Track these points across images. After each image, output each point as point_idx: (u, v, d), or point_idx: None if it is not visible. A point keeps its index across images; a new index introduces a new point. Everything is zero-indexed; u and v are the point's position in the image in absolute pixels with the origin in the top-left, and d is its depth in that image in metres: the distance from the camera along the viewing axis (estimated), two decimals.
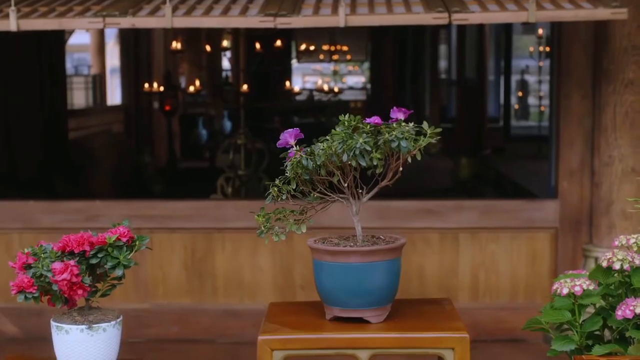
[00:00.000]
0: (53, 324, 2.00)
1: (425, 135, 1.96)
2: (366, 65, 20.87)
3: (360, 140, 1.86)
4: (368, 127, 1.92)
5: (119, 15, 4.07)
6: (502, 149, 11.66)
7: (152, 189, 10.20)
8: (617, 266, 2.13)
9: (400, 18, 4.07)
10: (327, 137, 1.96)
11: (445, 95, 16.42)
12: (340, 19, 3.98)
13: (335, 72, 22.50)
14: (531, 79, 17.06)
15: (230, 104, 9.82)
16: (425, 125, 1.99)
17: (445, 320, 1.94)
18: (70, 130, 9.28)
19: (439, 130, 2.04)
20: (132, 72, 11.17)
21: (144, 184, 10.28)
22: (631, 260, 2.14)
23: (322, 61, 17.97)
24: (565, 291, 2.12)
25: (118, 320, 2.08)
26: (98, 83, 12.94)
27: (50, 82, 8.26)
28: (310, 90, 14.95)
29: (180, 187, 10.15)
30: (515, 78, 15.65)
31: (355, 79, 23.28)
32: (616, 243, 2.34)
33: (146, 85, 10.94)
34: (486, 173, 10.51)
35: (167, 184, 10.40)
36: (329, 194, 2.07)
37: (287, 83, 10.04)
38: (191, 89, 8.42)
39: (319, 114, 11.82)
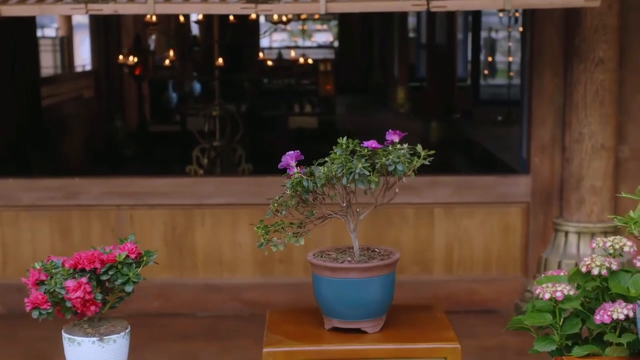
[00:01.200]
0: (65, 335, 2.09)
1: (419, 156, 2.06)
2: (334, 22, 20.85)
3: (360, 165, 1.96)
4: (365, 150, 2.02)
5: (101, 2, 4.09)
6: (471, 112, 11.80)
7: (124, 154, 10.22)
8: (595, 272, 2.26)
9: (379, 5, 4.14)
10: (327, 159, 2.05)
11: (414, 54, 16.50)
12: (321, 6, 4.04)
13: (303, 31, 22.46)
14: (499, 36, 17.17)
15: (200, 69, 9.82)
16: (419, 148, 2.10)
17: (438, 329, 2.06)
18: (43, 98, 9.24)
19: (432, 152, 2.14)
20: (102, 36, 11.10)
21: (115, 148, 10.30)
22: (608, 265, 2.27)
23: (290, 20, 17.89)
24: (547, 296, 2.25)
25: (127, 330, 2.17)
26: (66, 45, 12.83)
27: (21, 49, 8.21)
28: (279, 51, 14.95)
29: (152, 151, 10.18)
30: (484, 35, 15.73)
31: (323, 37, 23.26)
32: (594, 245, 2.46)
33: (116, 49, 10.90)
34: (456, 137, 10.65)
35: (138, 148, 10.42)
36: (329, 212, 2.17)
37: (260, 54, 10.06)
38: (163, 57, 8.40)
39: (287, 77, 11.85)
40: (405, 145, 2.10)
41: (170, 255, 5.55)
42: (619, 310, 2.15)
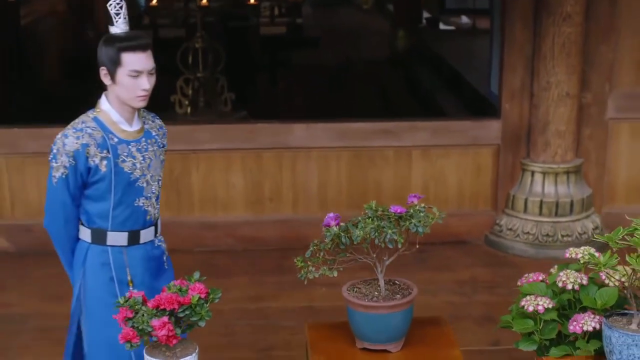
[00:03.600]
0: (147, 357, 2.50)
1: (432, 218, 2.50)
2: None
3: (390, 232, 2.39)
4: (393, 215, 2.45)
5: None
6: (437, 20, 12.05)
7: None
8: (569, 287, 2.75)
9: None
10: (360, 219, 2.46)
11: None
12: None
13: None
14: None
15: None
16: (435, 210, 2.53)
17: (445, 346, 2.55)
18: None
19: (444, 215, 2.58)
20: None
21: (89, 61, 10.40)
22: (580, 281, 2.77)
23: None
24: (531, 309, 2.74)
25: (196, 351, 2.58)
26: None
27: None
28: None
29: None
30: None
31: None
32: (567, 255, 2.95)
33: None
34: (422, 46, 10.92)
35: None
36: (359, 256, 2.58)
37: None
38: None
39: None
40: (423, 206, 2.52)
41: (169, 196, 5.95)
42: (589, 323, 2.66)
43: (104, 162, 3.09)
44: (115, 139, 3.12)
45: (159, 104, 7.72)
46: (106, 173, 3.09)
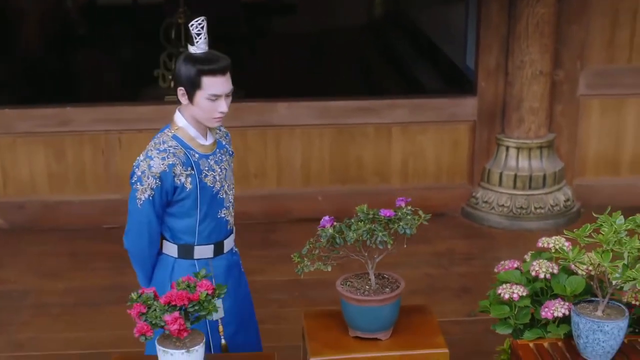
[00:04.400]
0: (159, 347, 2.73)
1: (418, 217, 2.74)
2: None
3: (380, 234, 2.62)
4: (383, 218, 2.68)
5: None
6: None
7: (78, 33, 10.34)
8: (541, 276, 3.02)
9: None
10: (353, 222, 2.69)
11: None
12: None
13: None
14: None
15: None
16: (420, 212, 2.76)
17: (430, 334, 2.81)
18: None
19: (429, 216, 2.81)
20: None
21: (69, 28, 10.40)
22: (551, 270, 3.03)
23: None
24: (507, 297, 3.00)
25: (204, 341, 2.81)
26: None
27: None
28: None
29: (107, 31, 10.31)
30: None
31: None
32: (540, 244, 3.21)
33: None
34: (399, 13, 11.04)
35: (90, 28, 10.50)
36: (351, 253, 2.81)
37: None
38: None
39: None
40: (410, 209, 2.75)
41: None
42: (559, 309, 2.92)
43: (189, 180, 3.11)
44: (196, 155, 3.15)
45: (143, 78, 7.96)
46: (192, 190, 3.12)
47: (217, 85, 3.05)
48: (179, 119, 3.21)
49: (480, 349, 4.46)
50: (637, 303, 3.00)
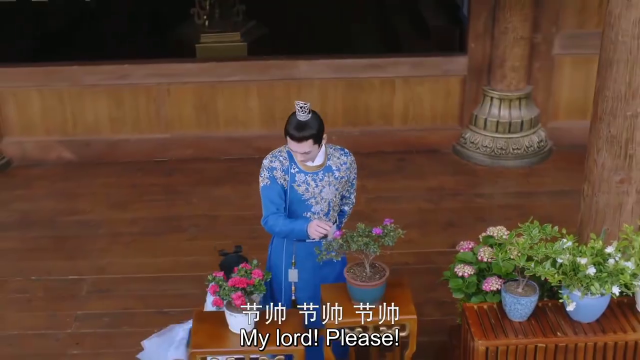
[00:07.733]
0: (227, 312, 4.06)
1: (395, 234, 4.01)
2: None
3: (372, 247, 3.92)
4: (374, 235, 3.95)
5: None
6: None
7: None
8: (485, 259, 4.33)
9: None
10: (354, 235, 3.95)
11: None
12: None
13: None
14: None
15: None
16: (399, 230, 4.02)
17: (405, 304, 4.13)
18: None
19: (404, 232, 4.07)
20: None
21: None
22: (492, 257, 4.33)
23: None
24: (460, 274, 4.31)
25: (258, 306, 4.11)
26: None
27: None
28: None
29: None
30: None
31: None
32: (488, 232, 4.51)
33: None
34: None
35: None
36: (354, 254, 4.07)
37: None
38: None
39: None
40: (393, 226, 4.01)
41: (199, 116, 7.41)
42: (494, 284, 4.25)
43: (286, 183, 4.25)
44: (296, 169, 4.26)
45: (180, 15, 9.00)
46: (286, 190, 4.26)
47: (293, 145, 4.18)
48: None
49: None
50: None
